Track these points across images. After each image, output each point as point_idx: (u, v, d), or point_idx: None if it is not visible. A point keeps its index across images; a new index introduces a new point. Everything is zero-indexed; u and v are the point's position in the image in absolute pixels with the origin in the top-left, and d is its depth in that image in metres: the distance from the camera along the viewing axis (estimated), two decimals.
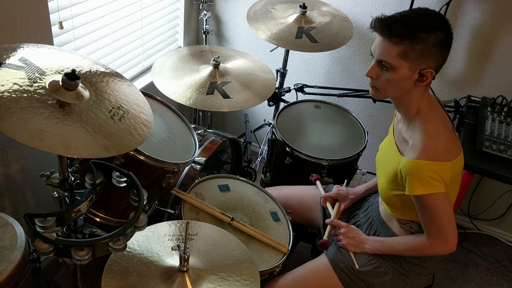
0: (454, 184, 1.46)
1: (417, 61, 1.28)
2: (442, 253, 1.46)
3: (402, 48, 1.27)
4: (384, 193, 1.53)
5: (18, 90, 1.00)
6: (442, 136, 1.37)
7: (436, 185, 1.33)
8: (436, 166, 1.33)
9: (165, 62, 2.02)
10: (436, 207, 1.37)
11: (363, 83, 2.56)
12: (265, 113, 2.90)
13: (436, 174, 1.33)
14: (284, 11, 2.21)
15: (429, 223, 1.42)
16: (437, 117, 1.41)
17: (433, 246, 1.44)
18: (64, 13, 1.77)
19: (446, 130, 1.40)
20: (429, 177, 1.32)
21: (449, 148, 1.38)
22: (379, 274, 1.54)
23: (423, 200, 1.36)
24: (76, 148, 1.00)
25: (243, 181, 1.87)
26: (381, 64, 1.33)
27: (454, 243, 1.41)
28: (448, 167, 1.35)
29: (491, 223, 2.66)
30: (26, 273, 1.30)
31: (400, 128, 1.48)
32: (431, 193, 1.34)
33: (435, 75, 1.34)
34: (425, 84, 1.34)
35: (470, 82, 2.32)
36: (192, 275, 1.23)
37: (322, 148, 2.04)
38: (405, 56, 1.28)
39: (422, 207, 1.39)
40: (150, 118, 1.23)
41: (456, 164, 1.40)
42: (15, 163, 1.76)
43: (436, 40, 1.26)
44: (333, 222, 1.67)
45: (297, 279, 1.60)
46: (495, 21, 2.15)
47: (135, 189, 1.25)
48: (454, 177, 1.40)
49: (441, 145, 1.35)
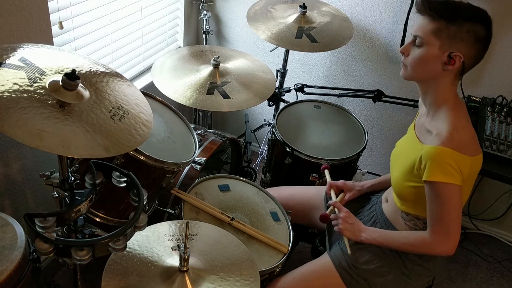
0: (469, 184, 1.45)
1: (448, 41, 1.30)
2: (440, 253, 1.43)
3: (436, 25, 1.30)
4: (398, 184, 1.51)
5: (18, 90, 1.00)
6: (467, 129, 1.39)
7: (455, 175, 1.32)
8: (458, 156, 1.32)
9: (165, 62, 2.03)
10: (448, 199, 1.34)
11: (363, 83, 2.56)
12: (265, 113, 2.90)
13: (456, 165, 1.31)
14: (284, 11, 2.21)
15: (436, 217, 1.38)
16: (463, 112, 1.42)
17: (434, 244, 1.40)
18: (64, 13, 1.77)
19: (470, 126, 1.41)
20: (450, 165, 1.31)
21: (472, 144, 1.39)
22: (381, 274, 1.54)
23: (438, 188, 1.34)
24: (76, 148, 1.00)
25: (243, 181, 1.87)
26: (414, 41, 1.36)
27: (455, 244, 1.38)
28: (469, 162, 1.34)
29: (491, 223, 2.66)
30: (26, 273, 1.30)
31: (423, 122, 1.48)
32: (448, 182, 1.31)
33: (465, 70, 1.34)
34: (452, 68, 1.33)
35: (470, 82, 2.32)
36: (192, 275, 1.23)
37: (322, 148, 2.05)
38: (437, 34, 1.30)
39: (434, 196, 1.35)
40: (150, 118, 1.23)
41: (476, 162, 1.39)
42: (15, 163, 1.76)
43: (472, 28, 1.28)
44: (336, 204, 1.64)
45: (299, 279, 1.60)
46: (495, 21, 2.13)
47: (135, 189, 1.25)
48: (471, 176, 1.40)
49: (465, 138, 1.36)
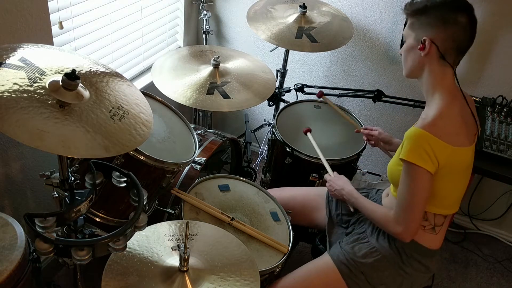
0: (457, 177, 1.46)
1: (420, 30, 1.41)
2: (395, 234, 1.48)
3: (410, 21, 1.44)
4: (391, 168, 1.54)
5: (18, 90, 1.00)
6: (454, 120, 1.41)
7: (427, 161, 1.35)
8: (436, 142, 1.35)
9: (165, 62, 2.02)
10: (415, 181, 1.39)
11: (363, 83, 2.56)
12: (265, 113, 2.90)
13: (431, 151, 1.35)
14: (284, 11, 2.21)
15: (400, 197, 1.43)
16: (456, 104, 1.44)
17: (392, 224, 1.46)
18: (64, 13, 1.77)
19: (460, 119, 1.43)
20: (424, 149, 1.35)
21: (457, 135, 1.40)
22: (378, 268, 1.55)
23: (408, 168, 1.39)
24: (76, 148, 1.00)
25: (243, 181, 1.87)
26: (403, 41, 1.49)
27: (411, 231, 1.44)
28: (448, 151, 1.37)
29: (491, 223, 2.66)
30: (26, 273, 1.30)
31: None
32: (418, 165, 1.35)
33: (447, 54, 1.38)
34: (425, 53, 1.39)
35: (470, 82, 2.32)
36: (192, 275, 1.23)
37: (322, 148, 2.04)
38: (412, 27, 1.43)
39: (404, 175, 1.41)
40: (150, 118, 1.23)
41: (460, 153, 1.41)
42: (15, 163, 1.76)
43: (439, 14, 1.37)
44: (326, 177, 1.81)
45: (299, 278, 1.61)
46: (495, 21, 2.15)
47: (135, 189, 1.25)
48: (454, 168, 1.42)
49: (450, 127, 1.38)
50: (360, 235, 1.64)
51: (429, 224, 1.51)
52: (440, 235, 1.55)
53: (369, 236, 1.61)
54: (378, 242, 1.57)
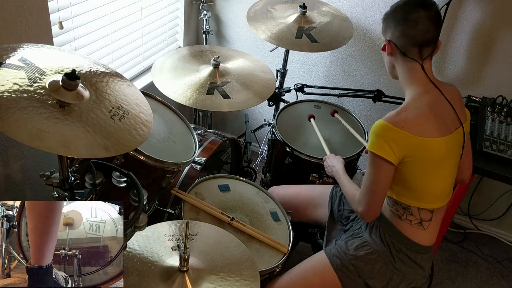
0: (430, 167, 1.47)
1: (384, 34, 1.52)
2: (357, 213, 1.54)
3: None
4: None
5: (18, 90, 1.00)
6: (419, 111, 1.43)
7: (387, 150, 1.40)
8: (396, 132, 1.39)
9: (165, 62, 2.02)
10: (375, 170, 1.45)
11: (363, 83, 2.56)
12: (265, 113, 2.90)
13: (393, 142, 1.40)
14: (284, 11, 2.21)
15: (364, 182, 1.50)
16: (426, 97, 1.46)
17: (356, 203, 1.53)
18: (64, 13, 1.77)
19: (429, 111, 1.44)
20: (384, 140, 1.40)
21: (422, 125, 1.42)
22: (369, 261, 1.56)
23: (370, 157, 1.45)
24: (76, 148, 1.00)
25: (243, 181, 1.87)
26: None
27: (370, 214, 1.50)
28: (415, 141, 1.40)
29: (491, 223, 2.66)
30: None
31: None
32: (378, 154, 1.41)
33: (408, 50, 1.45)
34: (388, 53, 1.50)
35: (470, 82, 2.32)
36: (192, 275, 1.23)
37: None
38: (382, 33, 1.54)
39: (368, 164, 1.47)
40: (150, 118, 1.23)
41: (429, 144, 1.42)
42: (15, 163, 1.76)
43: (392, 16, 1.48)
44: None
45: (296, 277, 1.61)
46: (495, 21, 2.16)
47: (135, 189, 1.25)
48: (425, 158, 1.44)
49: (414, 117, 1.42)
50: (355, 231, 1.66)
51: (415, 218, 1.52)
52: (431, 232, 1.56)
53: (363, 231, 1.63)
54: (371, 237, 1.59)
